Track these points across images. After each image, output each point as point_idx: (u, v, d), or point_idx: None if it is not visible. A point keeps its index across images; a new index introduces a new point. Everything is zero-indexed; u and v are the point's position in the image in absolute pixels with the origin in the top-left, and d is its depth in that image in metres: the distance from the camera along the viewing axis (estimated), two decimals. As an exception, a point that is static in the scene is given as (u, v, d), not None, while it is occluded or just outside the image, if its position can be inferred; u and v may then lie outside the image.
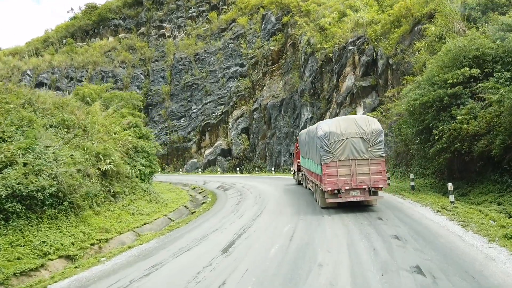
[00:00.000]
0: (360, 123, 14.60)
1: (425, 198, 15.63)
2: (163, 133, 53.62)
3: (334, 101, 35.91)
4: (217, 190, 27.39)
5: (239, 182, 30.34)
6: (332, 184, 14.08)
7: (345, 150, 14.24)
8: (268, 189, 24.37)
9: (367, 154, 14.26)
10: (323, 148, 14.42)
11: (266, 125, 45.12)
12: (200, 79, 54.17)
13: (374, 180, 14.17)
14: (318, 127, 15.18)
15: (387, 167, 27.93)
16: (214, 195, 24.66)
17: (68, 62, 59.16)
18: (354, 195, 14.24)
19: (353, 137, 14.29)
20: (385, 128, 29.16)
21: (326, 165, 14.23)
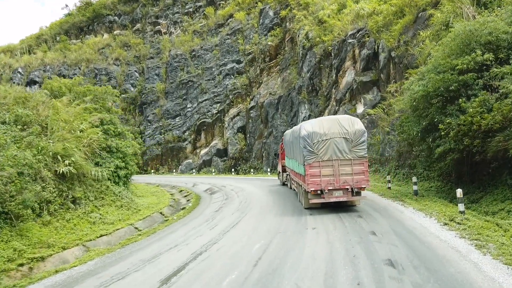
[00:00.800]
0: (343, 123, 14.49)
1: (430, 206, 13.37)
2: (157, 132, 51.69)
3: (333, 98, 33.67)
4: (204, 193, 25.29)
5: (230, 184, 28.25)
6: (315, 184, 14.00)
7: (328, 150, 14.17)
8: (256, 192, 22.40)
9: (350, 154, 14.21)
10: (306, 148, 14.30)
11: (263, 124, 42.96)
12: (195, 77, 52.16)
13: (357, 181, 14.15)
14: (302, 127, 15.07)
15: (388, 169, 25.77)
16: (198, 199, 22.57)
17: (60, 60, 57.42)
18: (337, 196, 14.18)
19: (336, 137, 14.23)
20: (386, 126, 26.94)
21: (309, 165, 14.14)
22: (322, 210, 14.97)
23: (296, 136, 16.50)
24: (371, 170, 27.07)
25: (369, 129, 28.71)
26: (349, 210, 14.30)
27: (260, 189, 24.06)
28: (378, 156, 27.15)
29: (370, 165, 27.81)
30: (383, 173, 25.37)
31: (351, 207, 15.31)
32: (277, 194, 21.32)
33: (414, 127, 16.31)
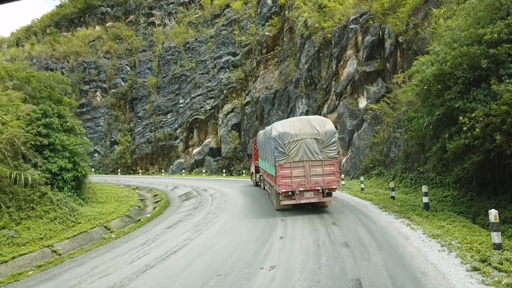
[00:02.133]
0: (314, 123, 14.34)
1: (448, 230, 9.62)
2: (148, 129, 48.38)
3: (333, 91, 29.93)
4: (177, 198, 21.91)
5: (213, 188, 24.82)
6: (286, 185, 13.86)
7: (299, 151, 14.00)
8: (234, 198, 19.51)
9: (321, 155, 14.08)
10: (277, 149, 14.06)
11: (258, 120, 39.34)
12: (189, 70, 48.72)
13: (327, 181, 14.06)
14: (273, 128, 14.97)
15: (394, 172, 22.02)
16: (165, 207, 19.18)
17: (49, 53, 54.43)
18: (308, 197, 14.02)
19: (307, 138, 14.05)
20: (392, 122, 23.17)
21: (280, 166, 13.96)
22: (294, 218, 12.20)
23: (267, 137, 16.06)
24: (374, 173, 23.34)
25: (373, 126, 25.00)
26: (331, 234, 10.63)
27: (241, 195, 20.57)
28: (382, 157, 23.38)
29: (373, 167, 24.06)
30: (387, 177, 21.61)
31: (326, 214, 13.94)
32: (256, 202, 17.88)
33: (425, 118, 12.56)
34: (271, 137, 14.59)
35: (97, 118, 50.50)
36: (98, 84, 52.16)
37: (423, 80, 11.95)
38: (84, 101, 51.42)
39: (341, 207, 15.02)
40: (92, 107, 50.99)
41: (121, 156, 47.72)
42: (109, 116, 50.43)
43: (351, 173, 26.15)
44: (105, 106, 50.93)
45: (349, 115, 27.27)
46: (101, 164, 48.60)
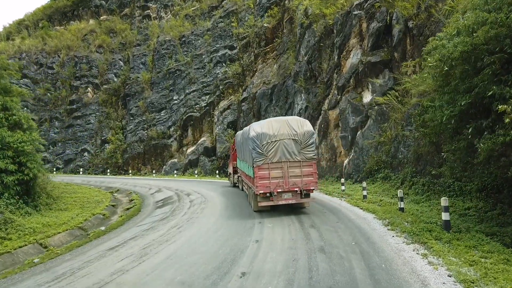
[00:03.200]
0: (292, 124, 14.31)
1: (487, 273, 6.51)
2: (140, 127, 45.74)
3: (335, 85, 26.97)
4: (153, 205, 19.34)
5: (198, 192, 22.22)
6: (264, 187, 13.72)
7: (278, 152, 13.89)
8: (214, 204, 16.99)
9: (299, 156, 14.00)
10: (255, 150, 13.95)
11: (255, 118, 36.43)
12: (184, 65, 46.02)
13: (305, 182, 13.96)
14: (251, 128, 14.80)
15: (402, 175, 19.02)
16: (130, 216, 16.42)
17: (39, 47, 52.08)
18: (286, 198, 13.93)
19: (285, 138, 14.03)
20: (401, 118, 20.15)
21: (258, 167, 13.83)
22: (271, 240, 9.73)
23: (245, 138, 15.90)
24: (379, 177, 20.37)
25: (378, 123, 22.02)
26: (314, 270, 7.52)
27: (223, 201, 17.75)
28: (388, 158, 20.38)
29: (378, 169, 21.09)
30: (395, 181, 18.62)
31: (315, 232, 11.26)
32: (236, 211, 15.15)
33: (444, 110, 9.56)
34: (249, 137, 14.36)
35: (87, 115, 47.98)
36: (89, 80, 49.66)
37: (444, 58, 9.00)
38: (74, 98, 48.94)
39: (335, 222, 12.12)
40: (82, 104, 48.48)
41: (111, 155, 45.12)
42: (100, 113, 47.89)
43: (354, 176, 23.17)
44: (96, 102, 48.38)
45: (352, 111, 24.30)
46: (91, 164, 46.04)
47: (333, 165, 26.06)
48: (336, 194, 18.06)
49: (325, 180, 25.56)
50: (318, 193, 19.19)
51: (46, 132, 48.29)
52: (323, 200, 16.66)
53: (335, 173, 25.42)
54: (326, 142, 27.02)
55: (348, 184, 22.18)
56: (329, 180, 25.03)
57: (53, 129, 48.29)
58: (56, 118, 48.69)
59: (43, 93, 49.35)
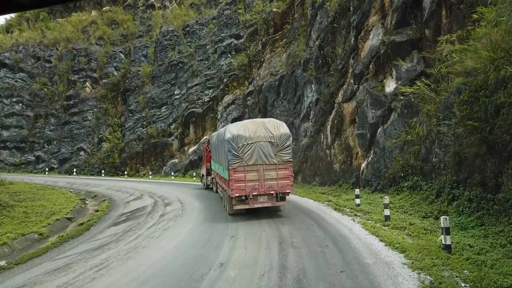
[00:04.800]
0: (269, 126, 14.16)
1: None
2: (139, 125, 42.19)
3: (350, 73, 22.53)
4: (115, 218, 15.35)
5: (181, 201, 18.74)
6: (239, 190, 13.48)
7: (254, 154, 13.74)
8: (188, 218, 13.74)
9: (275, 159, 13.86)
10: (231, 152, 13.72)
11: (261, 114, 32.29)
12: (187, 57, 42.25)
13: (281, 185, 13.77)
14: (226, 130, 14.58)
15: (437, 185, 14.45)
16: (65, 240, 12.42)
17: (37, 40, 49.25)
18: (262, 201, 13.71)
19: (261, 141, 13.84)
20: (435, 110, 15.61)
21: (234, 170, 13.60)
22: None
23: (221, 139, 15.77)
24: (406, 186, 15.87)
25: (405, 117, 17.53)
26: None
27: (199, 214, 13.68)
28: (418, 162, 15.82)
29: (405, 176, 16.60)
30: (428, 193, 14.08)
31: None
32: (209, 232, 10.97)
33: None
34: (224, 139, 14.12)
35: (84, 111, 44.75)
36: (88, 74, 46.46)
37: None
38: (71, 93, 45.79)
39: (339, 271, 7.60)
40: (80, 100, 45.32)
41: (108, 155, 41.64)
42: (98, 110, 44.57)
43: (373, 183, 18.64)
44: (94, 98, 45.11)
45: (371, 103, 19.82)
46: (87, 164, 42.72)
47: (348, 168, 21.59)
48: (348, 211, 13.67)
49: (337, 187, 21.12)
50: (326, 207, 14.85)
51: (41, 130, 45.39)
52: (329, 220, 12.37)
53: (350, 179, 20.95)
54: (340, 141, 22.56)
55: (365, 193, 17.73)
56: (343, 188, 20.59)
57: (49, 126, 45.29)
58: (52, 114, 45.69)
59: (39, 88, 46.46)
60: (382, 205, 13.75)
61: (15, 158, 44.83)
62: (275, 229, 11.03)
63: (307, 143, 25.69)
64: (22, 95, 46.34)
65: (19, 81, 47.07)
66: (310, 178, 24.70)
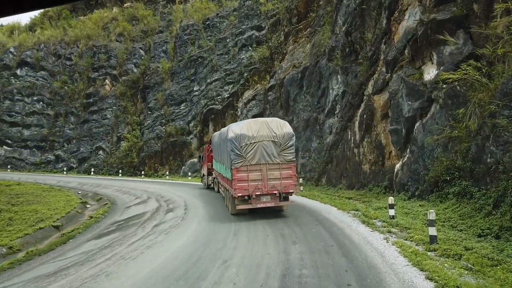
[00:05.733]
0: (272, 126, 13.95)
1: None
2: (158, 123, 40.55)
3: (382, 60, 19.68)
4: (104, 228, 13.33)
5: (185, 206, 16.09)
6: (242, 189, 13.33)
7: (257, 154, 13.56)
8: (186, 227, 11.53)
9: (278, 158, 13.68)
10: (233, 152, 13.57)
11: (283, 109, 29.79)
12: (207, 51, 40.28)
13: (285, 185, 13.60)
14: (229, 129, 14.38)
15: (494, 193, 11.46)
16: (29, 257, 10.40)
17: (58, 38, 48.70)
18: (264, 201, 13.55)
19: (264, 140, 13.67)
20: (489, 98, 12.61)
21: (236, 170, 13.43)
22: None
23: (223, 139, 15.69)
24: (452, 193, 13.00)
25: (449, 109, 14.62)
26: None
27: (201, 220, 11.41)
28: (467, 163, 12.89)
29: (450, 180, 13.69)
30: (481, 202, 11.24)
31: None
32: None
33: None
34: (227, 139, 14.08)
35: (104, 109, 43.61)
36: (107, 71, 45.37)
37: None
38: (91, 91, 44.79)
39: None
40: (99, 97, 44.24)
41: (126, 154, 40.22)
42: (117, 108, 43.31)
43: (410, 188, 15.75)
44: (113, 96, 43.94)
45: (407, 94, 16.94)
46: (106, 163, 41.50)
47: (380, 170, 18.73)
48: (379, 224, 10.91)
49: (367, 191, 18.31)
50: (352, 218, 12.17)
51: (61, 128, 44.68)
52: (355, 238, 9.54)
53: (382, 182, 18.09)
54: (370, 138, 19.71)
55: (400, 200, 14.90)
56: (373, 192, 17.77)
57: (68, 125, 44.50)
58: (71, 113, 44.91)
59: (59, 86, 45.79)
60: (424, 218, 10.98)
61: (35, 157, 44.36)
62: (282, 252, 8.54)
63: (333, 141, 22.94)
64: (43, 94, 45.85)
65: (40, 80, 46.63)
66: (336, 181, 21.95)
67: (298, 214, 13.42)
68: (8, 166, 43.20)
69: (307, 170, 24.90)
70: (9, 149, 44.80)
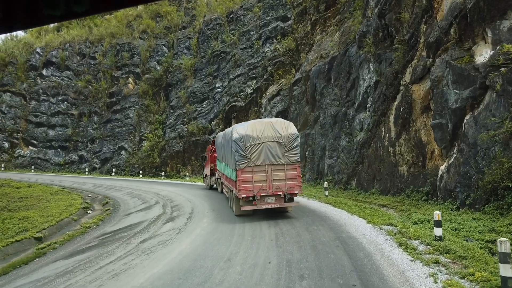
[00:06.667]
0: (277, 126, 13.82)
1: None
2: (180, 121, 38.90)
3: (422, 43, 16.76)
4: (91, 241, 11.17)
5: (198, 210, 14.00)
6: (247, 190, 13.18)
7: (261, 154, 13.43)
8: None
9: (283, 159, 13.54)
10: (238, 152, 13.42)
11: (309, 105, 27.21)
12: (230, 46, 38.24)
13: (289, 186, 13.45)
14: (234, 130, 14.25)
15: None
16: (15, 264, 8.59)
17: (83, 37, 48.21)
18: (269, 202, 13.35)
19: (269, 141, 13.55)
20: None
21: (241, 170, 13.31)
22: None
23: (228, 139, 15.40)
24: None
25: (509, 98, 11.56)
26: None
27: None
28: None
29: (498, 192, 10.65)
30: None
31: None
32: None
33: None
34: (232, 139, 13.84)
35: (126, 108, 42.51)
36: (130, 69, 44.29)
37: None
38: (114, 89, 43.86)
39: None
40: (122, 96, 43.19)
41: (148, 154, 38.82)
42: (140, 106, 42.09)
43: (459, 195, 12.80)
44: (136, 94, 42.75)
45: (454, 81, 14.00)
46: (128, 163, 40.31)
47: (420, 172, 15.81)
48: (422, 249, 8.10)
49: (405, 197, 15.45)
50: (385, 236, 9.48)
51: (84, 128, 44.01)
52: (389, 273, 6.68)
53: (423, 187, 15.17)
54: (408, 135, 16.80)
55: (446, 209, 12.08)
56: (413, 199, 14.91)
57: (92, 124, 43.76)
58: (95, 112, 44.15)
59: (83, 85, 45.19)
60: (481, 237, 8.18)
61: (59, 158, 43.94)
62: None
63: (364, 138, 20.10)
64: (67, 93, 45.43)
65: (65, 79, 46.29)
66: (368, 184, 19.11)
67: (317, 229, 10.84)
68: (32, 167, 42.99)
69: (334, 172, 22.15)
70: (35, 149, 44.66)
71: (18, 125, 45.35)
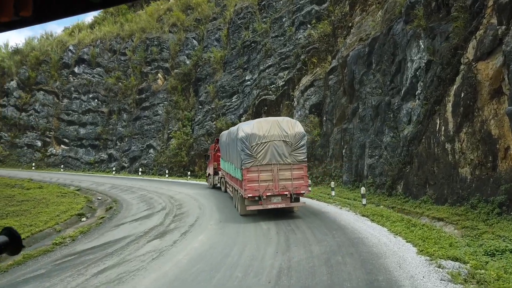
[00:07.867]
0: (283, 125, 13.64)
1: None
2: (208, 118, 36.52)
3: (491, 6, 12.82)
4: (56, 261, 8.62)
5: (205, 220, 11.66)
6: (253, 190, 13.05)
7: (267, 153, 13.27)
8: None
9: (290, 159, 13.38)
10: (244, 151, 13.28)
11: (347, 96, 23.70)
12: (261, 35, 35.30)
13: (296, 186, 13.33)
14: (239, 128, 14.22)
15: None
16: None
17: (114, 33, 47.30)
18: (275, 202, 13.29)
19: (275, 140, 13.39)
20: None
21: (247, 170, 13.17)
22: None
23: (233, 138, 15.29)
24: None
25: None
26: None
27: None
28: None
29: None
30: None
31: None
32: None
33: None
34: (237, 138, 13.74)
35: (155, 105, 40.83)
36: (159, 64, 42.63)
37: None
38: (144, 86, 42.37)
39: None
40: (151, 92, 41.58)
41: (176, 153, 36.80)
42: (169, 103, 40.25)
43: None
44: (164, 90, 40.98)
45: (541, 51, 10.03)
46: (156, 162, 38.55)
47: (489, 176, 11.99)
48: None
49: (468, 208, 11.78)
50: (450, 285, 6.00)
51: (114, 126, 42.86)
52: None
53: (495, 196, 11.38)
54: (472, 127, 12.98)
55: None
56: (480, 211, 11.24)
57: (121, 122, 42.51)
58: (124, 109, 42.91)
59: (113, 82, 44.14)
60: None
61: (90, 156, 43.13)
62: None
63: (412, 133, 16.36)
64: (98, 91, 44.61)
65: (96, 77, 45.53)
66: (418, 190, 15.39)
67: (341, 263, 7.49)
68: (62, 166, 42.44)
69: (376, 173, 18.52)
70: (66, 148, 44.21)
71: (50, 124, 45.15)
